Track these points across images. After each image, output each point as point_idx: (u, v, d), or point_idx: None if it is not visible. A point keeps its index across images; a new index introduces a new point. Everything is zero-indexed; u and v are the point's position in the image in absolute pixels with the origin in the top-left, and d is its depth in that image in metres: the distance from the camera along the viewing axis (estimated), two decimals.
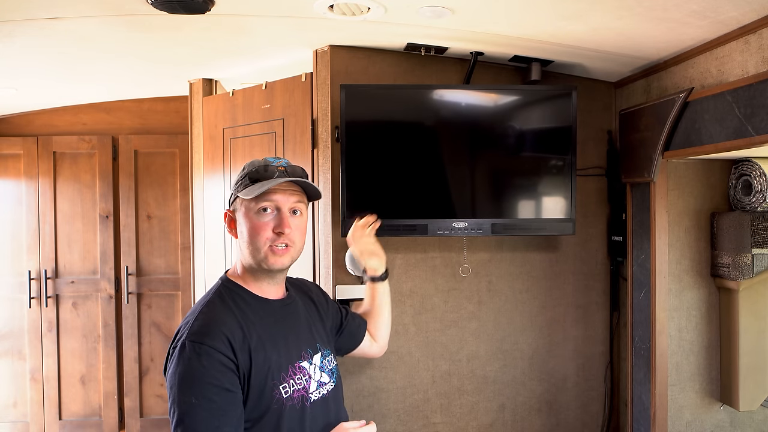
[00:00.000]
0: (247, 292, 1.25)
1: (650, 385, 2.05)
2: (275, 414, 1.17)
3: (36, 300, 3.20)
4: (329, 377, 1.33)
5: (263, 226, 1.22)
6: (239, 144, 2.39)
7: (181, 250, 3.25)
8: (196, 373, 1.09)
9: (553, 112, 1.96)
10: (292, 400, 1.20)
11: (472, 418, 2.22)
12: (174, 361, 1.12)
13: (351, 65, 2.05)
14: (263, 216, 1.23)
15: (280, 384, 1.19)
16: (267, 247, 1.22)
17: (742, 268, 1.97)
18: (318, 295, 1.48)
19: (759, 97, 1.50)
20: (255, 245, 1.22)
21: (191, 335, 1.12)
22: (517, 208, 1.98)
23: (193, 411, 1.08)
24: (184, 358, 1.10)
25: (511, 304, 2.24)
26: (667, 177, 2.02)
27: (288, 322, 1.29)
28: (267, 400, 1.17)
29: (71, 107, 3.25)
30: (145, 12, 1.61)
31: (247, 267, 1.26)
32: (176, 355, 1.12)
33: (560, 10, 1.56)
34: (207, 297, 1.24)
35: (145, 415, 3.29)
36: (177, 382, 1.10)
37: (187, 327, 1.15)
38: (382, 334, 1.68)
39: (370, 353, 1.67)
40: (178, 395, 1.09)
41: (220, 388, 1.10)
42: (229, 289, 1.25)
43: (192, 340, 1.11)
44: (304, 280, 1.52)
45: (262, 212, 1.23)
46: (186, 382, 1.09)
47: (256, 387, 1.15)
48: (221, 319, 1.16)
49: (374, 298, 1.68)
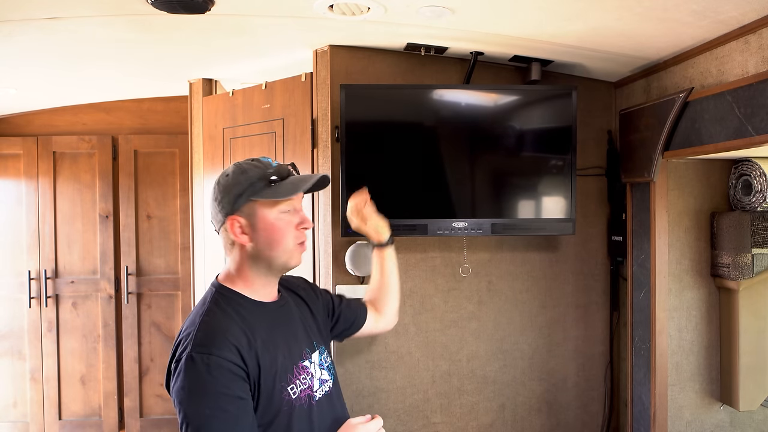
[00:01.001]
0: (243, 297, 1.24)
1: (650, 385, 2.05)
2: (285, 416, 1.17)
3: (36, 300, 3.20)
4: (328, 374, 1.34)
5: (289, 225, 1.23)
6: (239, 144, 2.39)
7: (181, 250, 3.25)
8: (207, 384, 1.07)
9: (553, 112, 1.96)
10: (300, 400, 1.21)
11: (472, 418, 2.22)
12: (181, 375, 1.09)
13: (351, 65, 2.05)
14: (288, 216, 1.23)
15: (288, 385, 1.19)
16: (294, 245, 1.24)
17: (742, 268, 1.97)
18: (306, 290, 1.45)
19: (759, 97, 1.49)
20: (284, 246, 1.22)
21: (196, 347, 1.10)
22: (517, 208, 1.98)
23: (208, 423, 1.06)
24: (193, 370, 1.08)
25: (511, 304, 2.23)
26: (667, 177, 2.02)
27: (285, 323, 1.28)
28: (277, 403, 1.17)
29: (71, 107, 3.25)
30: (145, 12, 1.61)
31: (256, 271, 1.24)
32: (183, 369, 1.09)
33: (560, 10, 1.56)
34: (204, 306, 1.20)
35: (145, 415, 3.29)
36: (187, 395, 1.08)
37: (190, 339, 1.12)
38: (391, 304, 1.69)
39: (378, 329, 1.67)
40: (190, 408, 1.07)
41: (233, 396, 1.09)
42: (224, 295, 1.23)
43: (199, 352, 1.09)
44: (290, 278, 1.48)
45: (285, 212, 1.23)
46: (198, 395, 1.07)
47: (266, 391, 1.15)
48: (224, 327, 1.14)
49: (382, 266, 1.69)
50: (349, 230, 1.90)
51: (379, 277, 1.69)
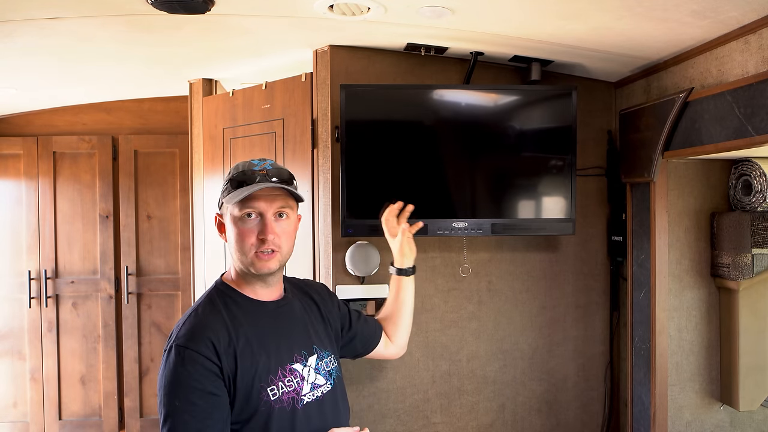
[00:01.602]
0: (240, 294, 1.26)
1: (650, 385, 2.05)
2: (263, 416, 1.18)
3: (36, 300, 3.20)
4: (325, 379, 1.32)
5: (247, 232, 1.21)
6: (239, 144, 2.39)
7: (181, 250, 3.25)
8: (181, 377, 1.12)
9: (553, 112, 1.96)
10: (281, 402, 1.20)
11: (472, 418, 2.22)
12: (162, 364, 1.16)
13: (351, 65, 2.05)
14: (247, 222, 1.22)
15: (268, 386, 1.20)
16: (252, 253, 1.21)
17: (742, 268, 1.97)
18: (322, 295, 1.46)
19: (759, 97, 1.49)
20: (241, 251, 1.22)
21: (178, 339, 1.15)
22: (517, 208, 1.98)
23: (178, 414, 1.10)
24: (170, 362, 1.14)
25: (511, 304, 2.23)
26: (667, 177, 2.02)
27: (281, 323, 1.28)
28: (254, 403, 1.17)
29: (71, 107, 3.25)
30: (145, 12, 1.61)
31: (239, 270, 1.27)
32: (164, 359, 1.16)
33: (560, 10, 1.56)
34: (199, 301, 1.26)
35: (145, 415, 3.29)
36: (164, 385, 1.13)
37: (176, 331, 1.18)
38: (401, 334, 1.67)
39: (386, 355, 1.66)
40: (165, 398, 1.13)
41: (204, 392, 1.12)
42: (222, 292, 1.26)
43: (178, 344, 1.14)
44: (311, 281, 1.51)
45: (246, 218, 1.21)
46: (172, 386, 1.12)
47: (243, 389, 1.16)
48: (207, 324, 1.18)
49: (398, 293, 1.68)
50: (350, 230, 1.90)
51: (392, 305, 1.68)
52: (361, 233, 1.91)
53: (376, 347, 1.60)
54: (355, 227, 1.90)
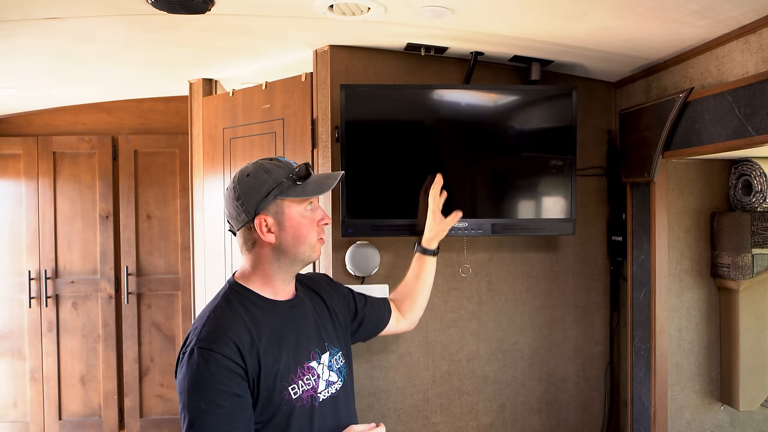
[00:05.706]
0: (256, 294, 1.26)
1: (650, 385, 2.05)
2: (285, 415, 1.18)
3: (36, 300, 3.20)
4: (337, 376, 1.33)
5: (312, 222, 1.28)
6: (239, 144, 2.39)
7: (181, 250, 3.26)
8: (205, 379, 1.11)
9: (553, 112, 1.96)
10: (301, 400, 1.21)
11: (472, 418, 2.22)
12: (183, 367, 1.14)
13: (351, 65, 2.05)
14: (311, 213, 1.28)
15: (290, 385, 1.20)
16: (316, 239, 1.29)
17: (742, 268, 1.97)
18: (326, 288, 1.47)
19: (759, 97, 1.50)
20: (307, 241, 1.26)
21: (200, 341, 1.14)
22: (517, 208, 1.98)
23: (203, 416, 1.10)
24: (193, 364, 1.12)
25: (511, 304, 2.24)
26: (667, 177, 2.02)
27: (296, 322, 1.29)
28: (276, 402, 1.18)
29: (71, 107, 3.25)
30: (145, 12, 1.61)
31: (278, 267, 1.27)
32: (185, 361, 1.14)
33: (560, 10, 1.56)
34: (215, 302, 1.24)
35: (145, 415, 3.29)
36: (187, 387, 1.12)
37: (196, 333, 1.16)
38: (417, 311, 1.72)
39: (397, 331, 1.69)
40: (188, 401, 1.11)
41: (229, 393, 1.11)
42: (237, 292, 1.25)
43: (200, 347, 1.13)
44: (312, 274, 1.53)
45: (308, 210, 1.27)
46: (195, 389, 1.11)
47: (266, 389, 1.17)
48: (229, 325, 1.17)
49: (419, 271, 1.73)
50: (350, 230, 1.90)
51: (413, 282, 1.73)
52: (361, 233, 1.91)
53: (385, 327, 1.62)
54: (355, 227, 1.90)
